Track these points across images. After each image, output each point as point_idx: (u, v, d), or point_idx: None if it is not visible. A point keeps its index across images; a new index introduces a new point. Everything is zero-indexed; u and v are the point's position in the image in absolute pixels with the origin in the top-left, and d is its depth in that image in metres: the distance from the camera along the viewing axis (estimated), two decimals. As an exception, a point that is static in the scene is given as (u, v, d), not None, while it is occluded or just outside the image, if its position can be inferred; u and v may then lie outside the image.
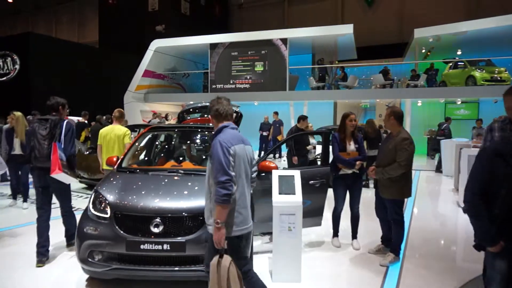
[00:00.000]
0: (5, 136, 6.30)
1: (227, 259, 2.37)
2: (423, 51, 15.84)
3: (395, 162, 3.79)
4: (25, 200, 6.54)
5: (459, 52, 15.49)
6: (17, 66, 15.74)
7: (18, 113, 6.22)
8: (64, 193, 4.17)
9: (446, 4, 18.83)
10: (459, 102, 15.13)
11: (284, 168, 4.32)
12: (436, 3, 19.05)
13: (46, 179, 3.93)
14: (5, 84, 15.82)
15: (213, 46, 15.54)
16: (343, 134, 4.45)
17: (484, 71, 12.68)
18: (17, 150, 6.24)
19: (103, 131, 5.57)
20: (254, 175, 2.78)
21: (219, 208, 2.35)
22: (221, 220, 2.36)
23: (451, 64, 14.42)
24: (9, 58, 15.87)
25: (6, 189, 7.67)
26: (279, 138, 13.35)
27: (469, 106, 15.87)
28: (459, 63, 13.97)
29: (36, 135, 4.00)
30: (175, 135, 5.56)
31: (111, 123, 6.03)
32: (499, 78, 12.43)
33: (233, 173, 2.41)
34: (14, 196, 6.72)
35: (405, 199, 4.26)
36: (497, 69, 12.73)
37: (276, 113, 13.85)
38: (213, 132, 2.65)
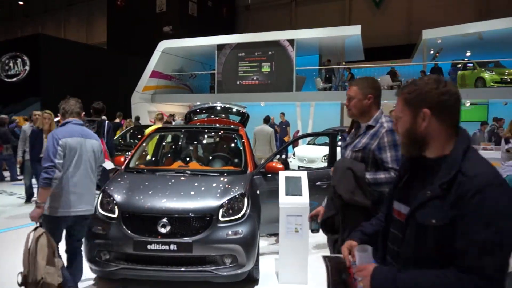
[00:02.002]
0: (32, 138, 5.83)
1: (39, 231, 2.66)
2: (431, 52, 15.69)
3: None
4: None
5: (468, 54, 15.32)
6: (27, 67, 15.94)
7: (50, 112, 5.63)
8: (106, 177, 4.90)
9: (456, 5, 18.65)
10: (468, 104, 14.95)
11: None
12: (445, 4, 18.87)
13: None
14: (15, 85, 16.03)
15: (220, 47, 15.57)
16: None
17: (493, 73, 12.52)
18: None
19: (147, 131, 6.24)
20: (100, 168, 3.21)
21: (41, 190, 2.70)
22: (40, 201, 2.70)
23: (460, 65, 14.27)
24: (19, 59, 16.08)
25: (17, 189, 7.77)
26: (286, 139, 13.32)
27: (478, 108, 15.68)
28: (468, 65, 13.82)
29: None
30: (182, 136, 5.59)
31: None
32: (509, 80, 12.27)
33: (59, 161, 2.74)
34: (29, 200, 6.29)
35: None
36: (507, 71, 12.57)
37: (282, 114, 13.83)
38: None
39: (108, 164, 4.95)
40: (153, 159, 5.14)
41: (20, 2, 32.33)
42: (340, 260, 1.34)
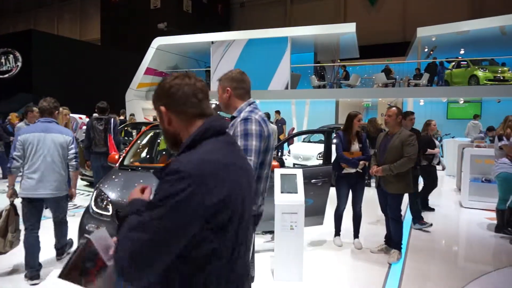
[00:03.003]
0: None
1: (5, 208, 3.36)
2: (426, 50, 15.77)
3: (404, 157, 3.88)
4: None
5: (462, 51, 15.42)
6: (19, 63, 15.76)
7: (67, 108, 5.46)
8: None
9: (450, 3, 18.74)
10: (461, 102, 15.07)
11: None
12: (440, 2, 18.96)
13: (101, 159, 5.53)
14: (7, 81, 15.84)
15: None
16: (349, 134, 4.43)
17: (487, 71, 12.62)
18: None
19: None
20: (70, 156, 3.49)
21: (8, 176, 3.36)
22: (8, 184, 3.38)
23: (454, 63, 14.35)
24: (11, 55, 15.89)
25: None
26: (281, 137, 13.33)
27: (471, 106, 15.82)
28: (462, 62, 13.90)
29: (96, 129, 5.64)
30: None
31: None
32: (502, 78, 12.37)
33: (16, 153, 3.27)
34: None
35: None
36: (500, 69, 12.67)
37: (278, 112, 13.83)
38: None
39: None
40: (148, 156, 5.10)
41: (12, -3, 31.91)
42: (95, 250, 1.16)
